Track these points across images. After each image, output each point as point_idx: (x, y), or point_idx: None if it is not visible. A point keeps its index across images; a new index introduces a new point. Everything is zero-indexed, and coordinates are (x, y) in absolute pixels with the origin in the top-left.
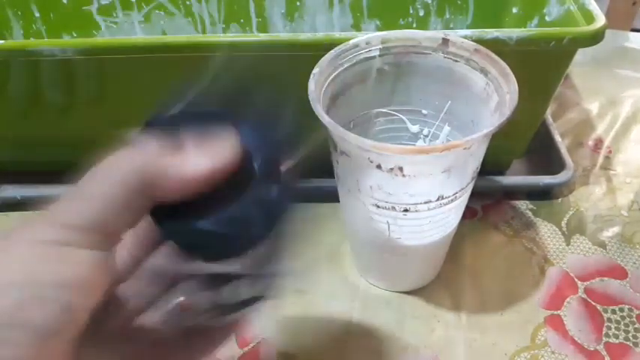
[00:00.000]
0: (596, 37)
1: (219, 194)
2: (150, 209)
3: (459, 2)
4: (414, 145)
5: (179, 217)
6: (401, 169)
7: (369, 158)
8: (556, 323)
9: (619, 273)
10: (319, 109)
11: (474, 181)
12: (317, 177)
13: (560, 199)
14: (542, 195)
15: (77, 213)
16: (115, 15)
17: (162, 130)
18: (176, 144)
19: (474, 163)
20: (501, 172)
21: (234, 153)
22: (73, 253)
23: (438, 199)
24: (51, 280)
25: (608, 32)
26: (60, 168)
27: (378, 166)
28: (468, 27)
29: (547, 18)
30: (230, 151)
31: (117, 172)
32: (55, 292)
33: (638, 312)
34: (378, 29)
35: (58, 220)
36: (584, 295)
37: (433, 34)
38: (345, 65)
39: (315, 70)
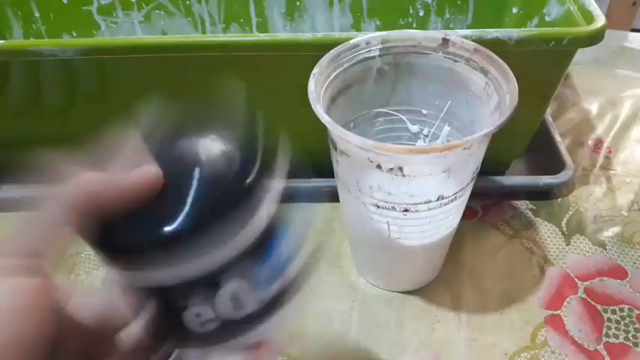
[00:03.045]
0: (596, 37)
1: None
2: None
3: (459, 2)
4: (414, 145)
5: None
6: (401, 169)
7: (369, 158)
8: (556, 323)
9: (619, 273)
10: (319, 109)
11: (473, 181)
12: (317, 177)
13: (560, 199)
14: (542, 195)
15: (15, 242)
16: (115, 15)
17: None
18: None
19: (474, 163)
20: (501, 172)
21: (154, 174)
22: (8, 281)
23: (438, 199)
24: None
25: (608, 32)
26: None
27: (378, 166)
28: (468, 27)
29: (547, 18)
30: (151, 173)
31: (56, 200)
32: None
33: (638, 312)
34: (378, 29)
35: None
36: (584, 295)
37: (433, 34)
38: (345, 65)
39: (315, 70)
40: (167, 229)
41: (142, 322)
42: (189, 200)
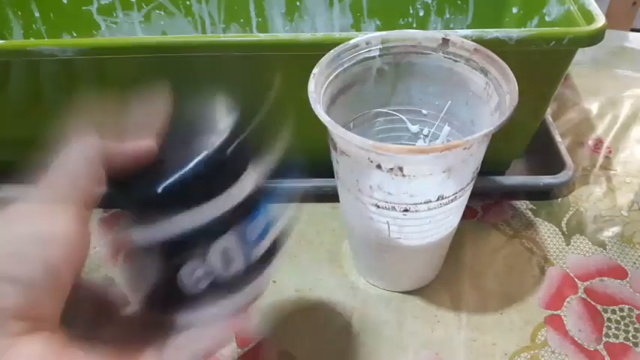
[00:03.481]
0: (596, 37)
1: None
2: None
3: (459, 2)
4: (414, 145)
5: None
6: (401, 169)
7: (369, 158)
8: (556, 323)
9: (619, 273)
10: (319, 109)
11: (473, 181)
12: (317, 177)
13: (560, 199)
14: (542, 195)
15: (56, 180)
16: (115, 15)
17: None
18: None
19: (474, 163)
20: (501, 172)
21: (149, 146)
22: (52, 213)
23: (438, 199)
24: (30, 237)
25: (608, 32)
26: None
27: (378, 166)
28: (468, 27)
29: (547, 18)
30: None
31: (80, 151)
32: (34, 248)
33: (638, 312)
34: (378, 29)
35: (40, 185)
36: (584, 295)
37: (433, 34)
38: (345, 65)
39: (315, 70)
40: (163, 185)
41: (141, 295)
42: (182, 165)
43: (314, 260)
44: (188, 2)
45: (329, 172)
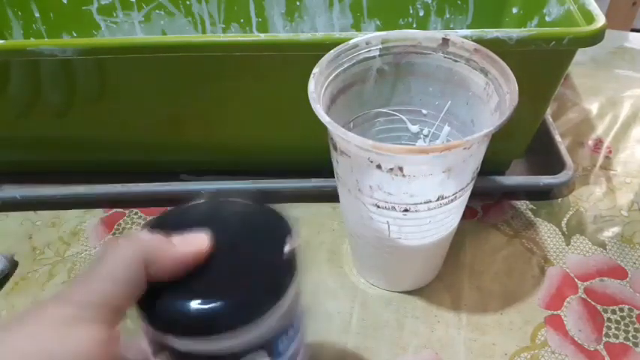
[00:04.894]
0: (596, 37)
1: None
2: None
3: (459, 2)
4: (414, 145)
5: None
6: (401, 169)
7: (369, 158)
8: (556, 323)
9: (619, 273)
10: (319, 109)
11: (473, 181)
12: (317, 177)
13: (560, 199)
14: (542, 195)
15: (86, 291)
16: (115, 15)
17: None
18: (166, 235)
19: (474, 163)
20: (501, 172)
21: (206, 244)
22: (79, 328)
23: (438, 199)
24: (59, 352)
25: (608, 32)
26: (60, 168)
27: (378, 166)
28: (468, 27)
29: (547, 18)
30: (204, 243)
31: (121, 255)
32: None
33: (638, 312)
34: (378, 29)
35: (68, 298)
36: (584, 295)
37: (433, 34)
38: (345, 65)
39: (315, 70)
40: (204, 302)
41: None
42: (229, 276)
43: (314, 260)
44: (188, 2)
45: (329, 172)
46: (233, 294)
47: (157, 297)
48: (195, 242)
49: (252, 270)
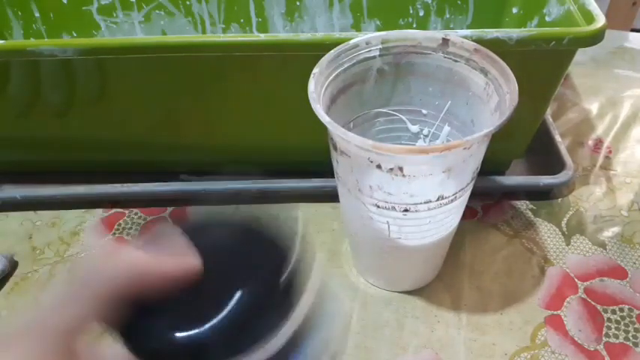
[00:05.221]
0: (596, 37)
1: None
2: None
3: (459, 2)
4: (414, 145)
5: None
6: (401, 169)
7: (369, 158)
8: (556, 323)
9: (619, 273)
10: (319, 109)
11: (473, 181)
12: (317, 177)
13: (560, 199)
14: (542, 195)
15: (63, 318)
16: (115, 15)
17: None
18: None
19: (474, 163)
20: (501, 172)
21: (195, 264)
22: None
23: (438, 199)
24: None
25: (608, 32)
26: (60, 168)
27: (378, 166)
28: (468, 27)
29: (547, 18)
30: (192, 262)
31: (110, 271)
32: None
33: (638, 312)
34: (378, 29)
35: (46, 327)
36: (584, 295)
37: (433, 34)
38: (345, 65)
39: (315, 70)
40: (198, 330)
41: None
42: (225, 300)
43: (314, 260)
44: (188, 2)
45: (329, 172)
46: (220, 327)
47: (142, 323)
48: (185, 263)
49: (243, 303)
